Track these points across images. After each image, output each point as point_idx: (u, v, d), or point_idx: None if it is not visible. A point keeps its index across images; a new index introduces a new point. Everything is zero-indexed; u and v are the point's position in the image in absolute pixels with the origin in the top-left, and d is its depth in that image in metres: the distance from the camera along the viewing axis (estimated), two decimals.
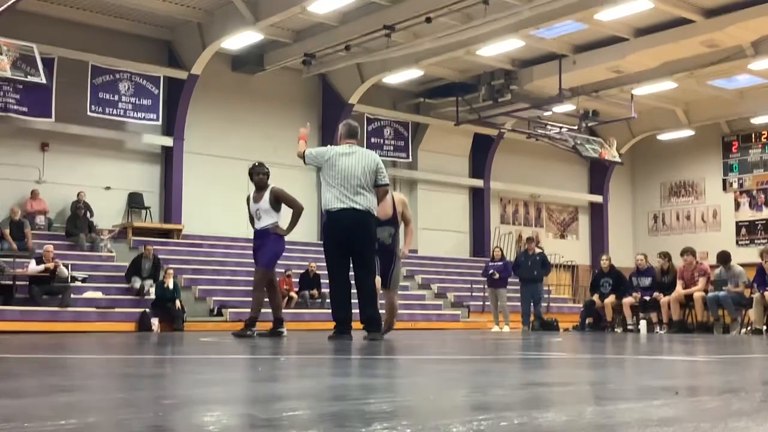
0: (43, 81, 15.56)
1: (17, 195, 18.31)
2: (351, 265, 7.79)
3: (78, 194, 18.36)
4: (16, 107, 17.90)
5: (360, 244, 7.64)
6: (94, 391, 3.05)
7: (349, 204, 7.50)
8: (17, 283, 15.25)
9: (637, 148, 28.74)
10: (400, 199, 8.86)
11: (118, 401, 2.61)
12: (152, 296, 16.17)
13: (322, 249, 7.99)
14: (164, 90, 19.94)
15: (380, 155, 9.07)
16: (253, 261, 9.40)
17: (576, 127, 23.89)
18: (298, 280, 18.57)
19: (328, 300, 18.66)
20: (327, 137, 22.93)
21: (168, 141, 20.30)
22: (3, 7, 13.86)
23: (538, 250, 17.26)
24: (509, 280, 16.65)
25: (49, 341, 7.53)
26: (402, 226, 8.87)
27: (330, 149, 7.81)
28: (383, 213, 8.36)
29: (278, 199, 9.01)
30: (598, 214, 29.29)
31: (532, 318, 16.17)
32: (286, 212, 9.13)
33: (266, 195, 9.02)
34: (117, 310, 15.82)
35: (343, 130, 7.95)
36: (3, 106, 17.72)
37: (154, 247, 17.64)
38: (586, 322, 15.42)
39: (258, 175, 9.14)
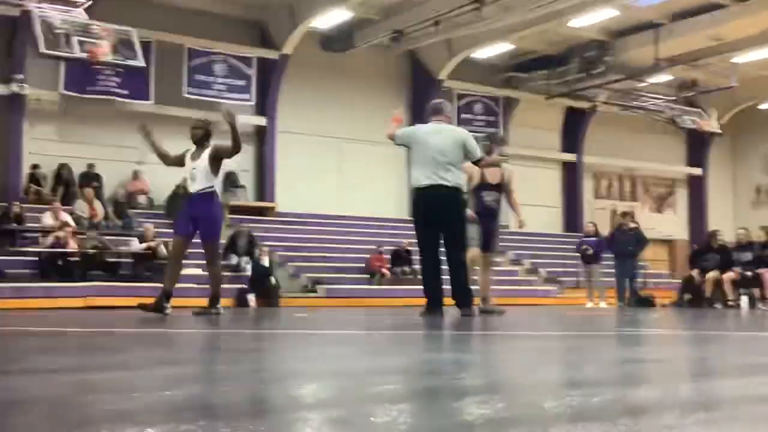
0: (142, 64, 16.04)
1: (120, 176, 18.98)
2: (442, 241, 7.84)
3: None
4: (117, 90, 18.54)
5: (449, 220, 7.67)
6: (196, 364, 3.18)
7: (437, 180, 7.55)
8: (121, 260, 15.84)
9: (738, 118, 27.67)
10: (510, 171, 9.24)
11: (219, 374, 2.71)
12: (248, 273, 16.56)
13: (413, 226, 8.08)
14: (257, 70, 20.28)
15: (471, 131, 9.07)
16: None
17: (673, 98, 23.19)
18: (390, 256, 18.70)
19: (419, 276, 18.78)
20: (417, 113, 22.87)
21: (261, 120, 20.65)
22: None
23: (633, 225, 16.88)
24: (604, 255, 16.38)
25: (152, 317, 7.83)
26: (506, 197, 9.25)
27: (418, 128, 7.92)
28: (494, 178, 8.95)
29: (219, 153, 7.99)
30: (696, 188, 28.41)
31: (627, 294, 15.88)
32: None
33: (205, 153, 8.05)
34: None
35: (430, 108, 8.13)
36: (105, 90, 18.35)
37: (249, 225, 18.04)
38: (684, 298, 15.06)
39: (192, 129, 8.30)
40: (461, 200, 7.77)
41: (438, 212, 7.63)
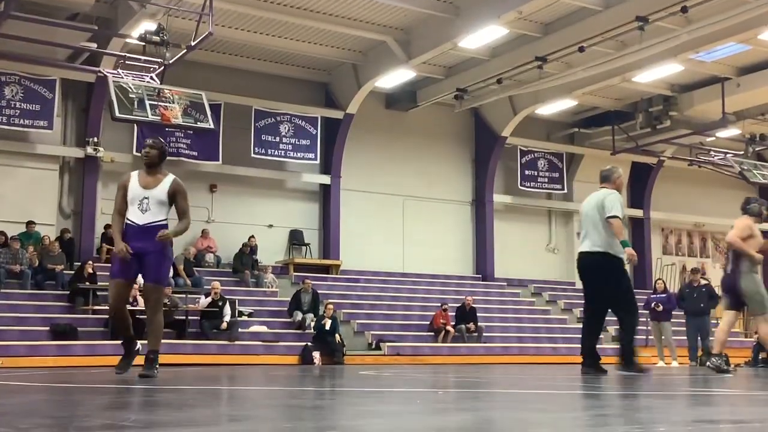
0: (211, 126, 16.52)
1: (189, 234, 19.37)
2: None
3: (249, 238, 19.33)
4: (187, 152, 19.09)
5: (599, 285, 7.83)
6: (262, 420, 3.22)
7: (582, 248, 7.87)
8: (189, 317, 16.09)
9: None
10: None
11: (285, 430, 2.74)
12: (312, 330, 16.64)
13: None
14: (322, 130, 20.66)
15: (534, 187, 9.10)
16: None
17: (742, 152, 22.78)
18: (454, 313, 18.60)
19: (485, 334, 18.64)
20: (480, 170, 22.98)
21: (326, 179, 20.96)
22: (174, 59, 14.83)
23: (704, 282, 16.52)
24: (674, 313, 16.01)
25: (219, 373, 7.92)
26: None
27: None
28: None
29: (175, 197, 6.89)
30: None
31: (699, 353, 15.43)
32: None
33: (165, 184, 6.85)
34: (281, 343, 16.36)
35: (600, 176, 8.64)
36: (175, 151, 18.89)
37: (314, 282, 18.18)
38: (760, 356, 14.58)
39: (150, 149, 6.87)
40: (607, 262, 7.73)
41: (589, 279, 7.80)
